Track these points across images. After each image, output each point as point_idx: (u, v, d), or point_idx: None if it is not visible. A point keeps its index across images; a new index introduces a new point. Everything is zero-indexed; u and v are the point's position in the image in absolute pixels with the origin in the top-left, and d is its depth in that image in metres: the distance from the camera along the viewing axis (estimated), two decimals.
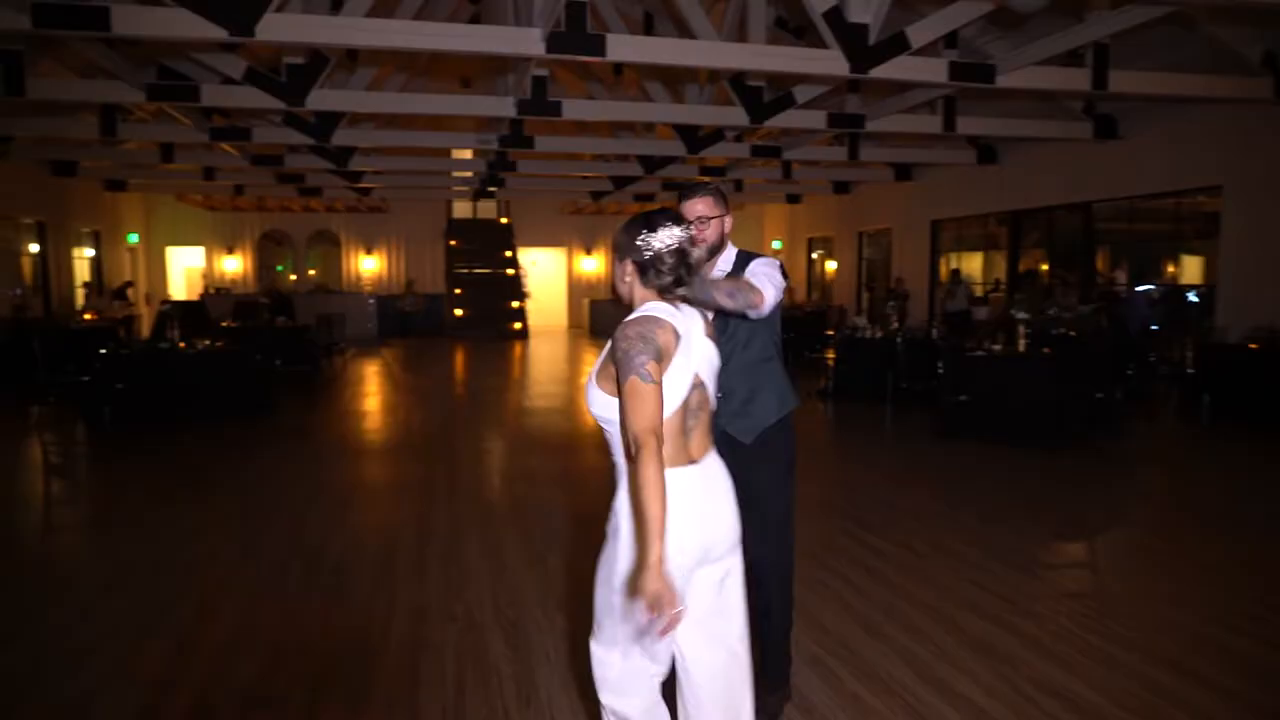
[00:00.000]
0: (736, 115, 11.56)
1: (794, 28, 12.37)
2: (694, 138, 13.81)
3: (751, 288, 2.50)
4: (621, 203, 21.56)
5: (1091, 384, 7.90)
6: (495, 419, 9.71)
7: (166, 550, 4.82)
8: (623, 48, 8.33)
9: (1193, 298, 13.14)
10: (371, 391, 11.80)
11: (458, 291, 21.38)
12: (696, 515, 2.07)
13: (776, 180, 18.45)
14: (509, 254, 22.56)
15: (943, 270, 16.94)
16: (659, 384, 1.92)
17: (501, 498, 6.10)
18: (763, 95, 11.36)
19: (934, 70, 9.06)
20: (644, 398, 1.88)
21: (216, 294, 19.87)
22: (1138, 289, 13.92)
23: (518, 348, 18.62)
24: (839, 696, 3.08)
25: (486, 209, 23.66)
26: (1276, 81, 9.52)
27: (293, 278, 22.79)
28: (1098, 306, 12.72)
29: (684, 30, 10.59)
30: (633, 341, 1.95)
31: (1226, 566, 4.57)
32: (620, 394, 1.92)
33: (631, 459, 1.90)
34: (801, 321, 16.44)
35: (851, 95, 12.03)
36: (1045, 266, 15.29)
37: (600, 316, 22.16)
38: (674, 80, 12.43)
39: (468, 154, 20.07)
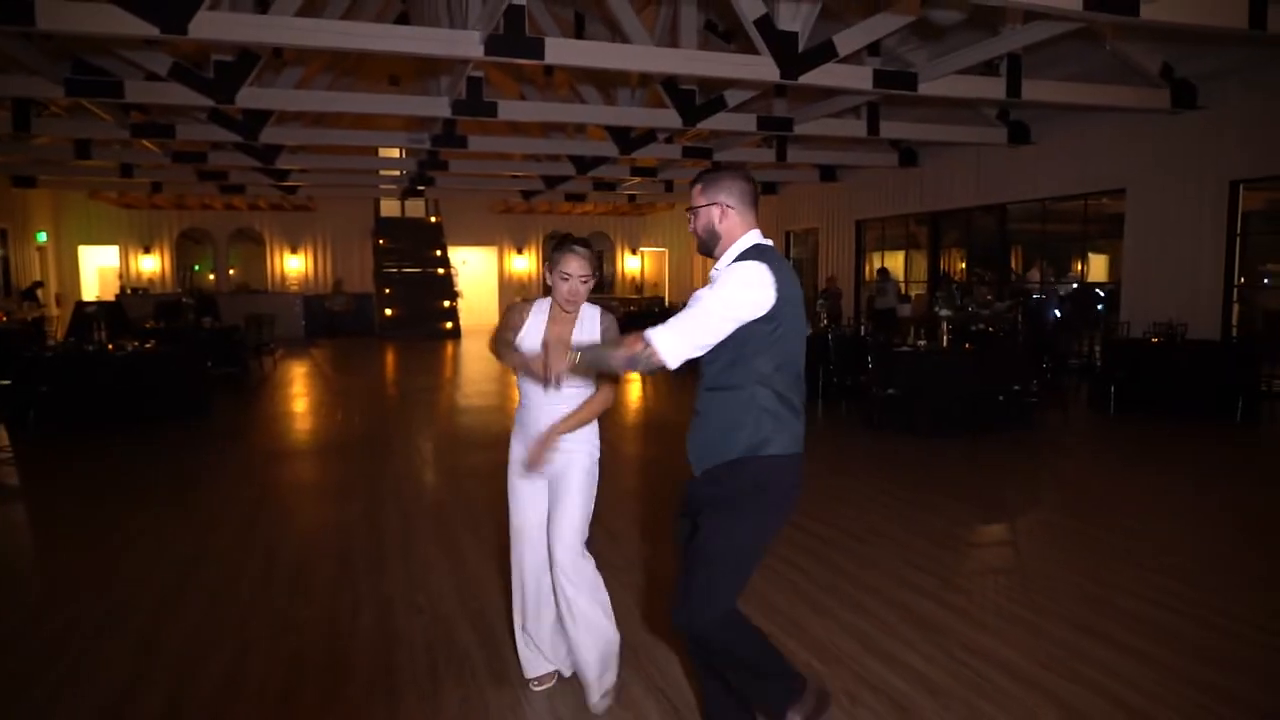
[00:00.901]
0: (669, 117, 11.80)
1: (722, 31, 12.64)
2: (626, 139, 14.02)
3: (641, 342, 2.29)
4: (553, 202, 21.65)
5: (1009, 377, 8.37)
6: (434, 418, 9.74)
7: (114, 553, 4.78)
8: (561, 51, 8.45)
9: (1098, 295, 13.95)
10: (306, 392, 11.65)
11: (387, 291, 21.14)
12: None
13: None
14: (439, 253, 22.40)
15: (868, 269, 17.52)
16: None
17: (449, 495, 6.18)
18: (695, 98, 11.63)
19: (860, 77, 9.45)
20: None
21: (133, 294, 19.24)
22: (1049, 286, 14.68)
23: (450, 347, 18.54)
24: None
25: (415, 208, 23.45)
26: (1174, 92, 10.22)
27: (210, 277, 22.18)
28: (1012, 304, 13.41)
29: (616, 32, 10.79)
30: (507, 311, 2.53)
31: (1130, 542, 4.97)
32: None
33: None
34: None
35: (778, 99, 12.35)
36: (963, 265, 16.00)
37: None
38: (606, 82, 12.60)
39: (395, 152, 19.93)
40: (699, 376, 2.48)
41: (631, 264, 24.97)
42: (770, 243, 2.53)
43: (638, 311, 18.76)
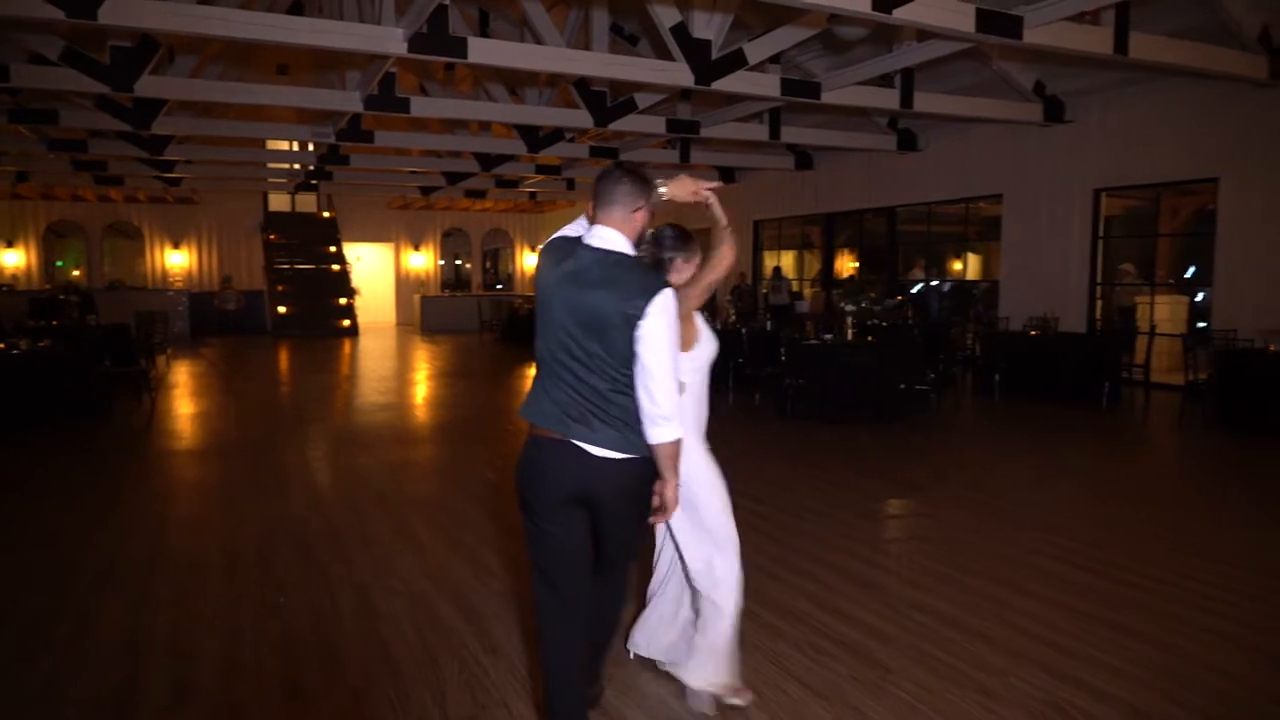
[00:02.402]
0: (581, 118, 12.04)
1: (628, 34, 12.93)
2: (535, 137, 14.17)
3: None
4: (452, 198, 21.49)
5: (907, 368, 9.03)
6: (350, 414, 9.66)
7: (70, 553, 4.68)
8: (484, 51, 8.58)
9: (974, 293, 15.03)
10: (209, 392, 11.30)
11: (280, 288, 20.52)
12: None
13: None
14: (334, 249, 21.89)
15: (765, 267, 18.22)
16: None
17: (389, 488, 6.25)
18: (606, 100, 11.92)
19: (768, 85, 9.96)
20: None
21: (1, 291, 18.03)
22: (931, 284, 15.71)
23: (348, 345, 18.19)
24: (763, 628, 3.64)
25: (306, 202, 22.82)
26: (1045, 107, 11.20)
27: (76, 273, 20.95)
28: (902, 300, 14.28)
29: (524, 32, 10.94)
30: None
31: (1029, 510, 5.57)
32: None
33: None
34: None
35: (683, 103, 12.73)
36: (855, 264, 16.89)
37: (432, 312, 21.98)
38: (514, 81, 12.72)
39: (285, 145, 19.35)
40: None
41: (530, 261, 25.01)
42: (573, 230, 2.74)
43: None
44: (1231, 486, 6.39)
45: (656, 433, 2.45)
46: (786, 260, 18.63)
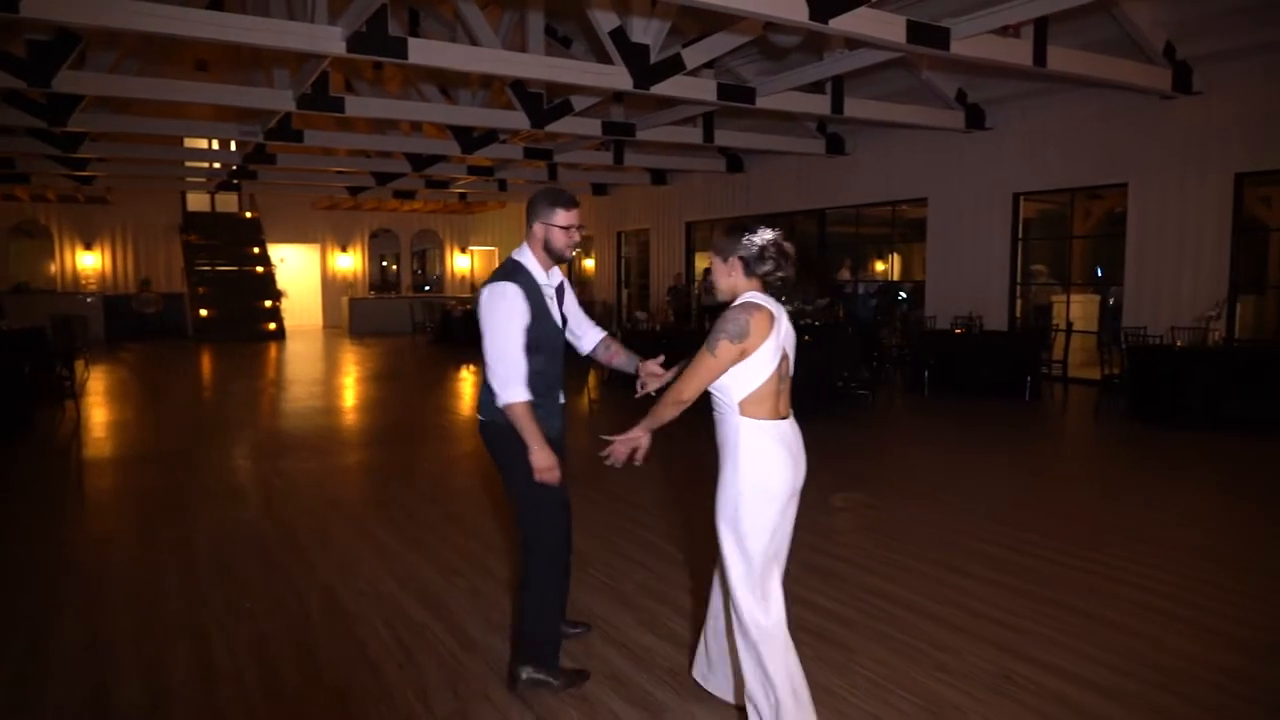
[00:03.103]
0: (518, 119, 12.06)
1: (561, 36, 12.98)
2: (469, 138, 14.10)
3: None
4: (381, 199, 21.16)
5: (843, 366, 9.34)
6: (290, 418, 9.49)
7: (11, 566, 4.54)
8: (424, 52, 8.55)
9: (900, 293, 15.56)
10: (132, 398, 10.93)
11: (201, 291, 19.89)
12: (791, 458, 2.70)
13: (538, 181, 19.11)
14: (257, 250, 21.32)
15: (697, 268, 18.48)
16: (720, 361, 2.56)
17: (342, 491, 6.20)
18: (543, 101, 11.96)
19: (705, 90, 10.16)
20: (707, 370, 2.56)
21: None
22: (858, 284, 16.17)
23: (275, 349, 17.77)
24: None
25: (226, 202, 22.17)
26: (967, 114, 11.69)
27: None
28: (832, 300, 14.68)
29: (454, 31, 10.89)
30: (726, 322, 2.56)
31: (968, 501, 5.86)
32: (697, 354, 2.57)
33: (754, 414, 2.63)
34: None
35: (615, 105, 12.83)
36: None
37: (361, 314, 21.61)
38: (446, 81, 12.64)
39: (203, 143, 18.78)
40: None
41: (461, 263, 24.80)
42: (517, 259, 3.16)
43: (474, 309, 18.79)
44: (1145, 473, 6.82)
45: (498, 399, 2.98)
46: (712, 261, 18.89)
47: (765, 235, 2.71)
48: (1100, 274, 13.24)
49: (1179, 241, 10.03)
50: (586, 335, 3.42)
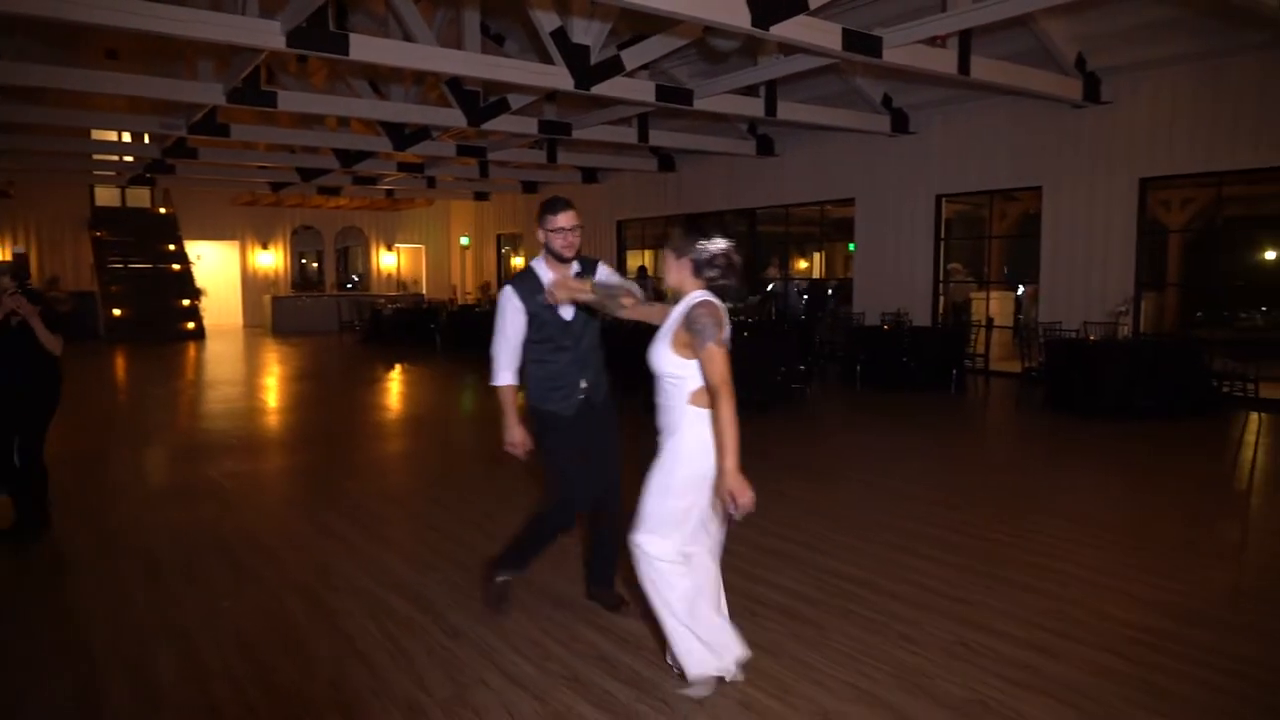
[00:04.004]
0: (454, 117, 12.04)
1: (494, 34, 12.95)
2: (401, 135, 13.97)
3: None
4: (305, 195, 20.68)
5: (780, 360, 9.64)
6: (231, 420, 9.28)
7: None
8: (366, 48, 8.50)
9: (828, 290, 16.05)
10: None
11: (114, 289, 19.12)
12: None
13: (468, 179, 19.01)
14: (173, 247, 20.60)
15: (629, 267, 18.66)
16: (724, 348, 2.77)
17: (294, 489, 6.17)
18: (479, 99, 11.95)
19: (645, 91, 10.34)
20: (722, 358, 2.75)
21: None
22: (787, 281, 16.62)
23: (194, 349, 17.22)
24: None
25: (138, 197, 21.36)
26: (892, 118, 12.17)
27: None
28: (763, 297, 15.07)
29: (391, 27, 10.77)
30: (709, 319, 2.78)
31: (905, 483, 6.19)
32: (702, 356, 2.77)
33: (700, 404, 2.88)
34: None
35: (548, 104, 12.85)
36: None
37: (285, 313, 21.10)
38: (378, 76, 12.49)
39: (112, 135, 18.08)
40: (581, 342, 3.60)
41: (387, 260, 24.43)
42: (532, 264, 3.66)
43: (403, 307, 18.58)
44: (1064, 458, 7.31)
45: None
46: (648, 260, 19.15)
47: (718, 245, 2.97)
48: (1012, 272, 13.95)
49: (1089, 242, 10.67)
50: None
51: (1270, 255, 14.37)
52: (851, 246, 14.65)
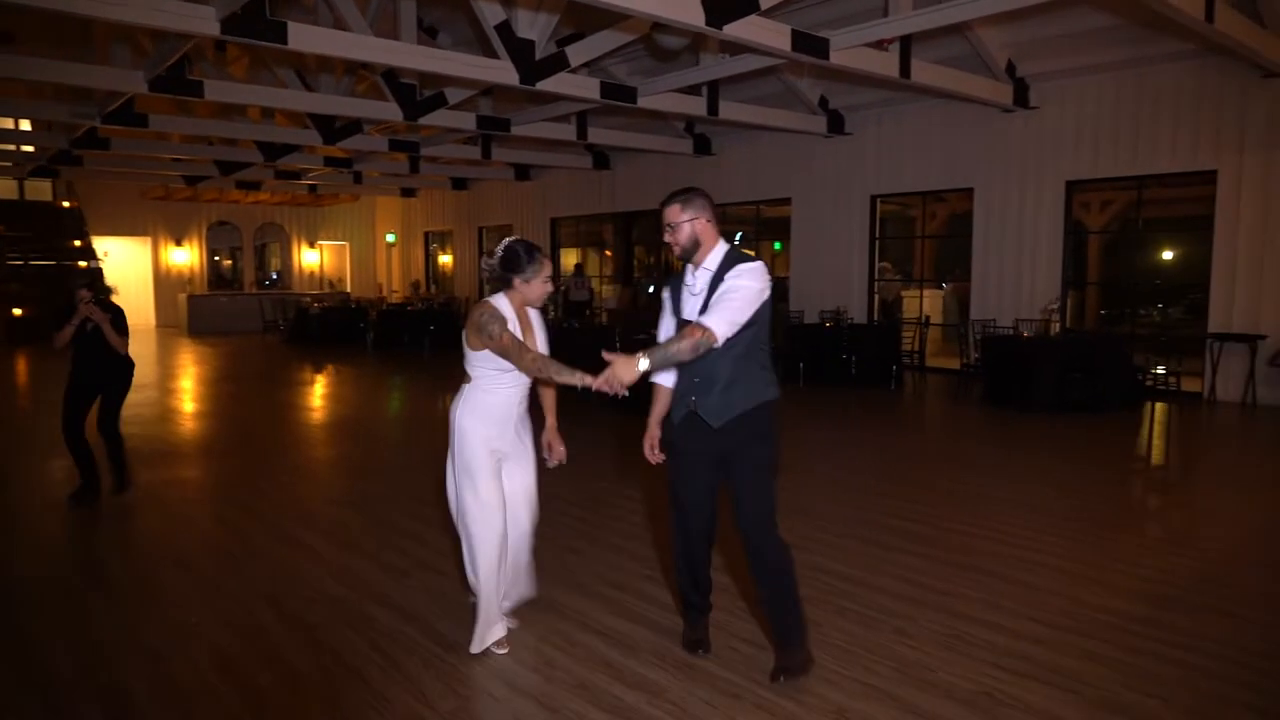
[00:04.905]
0: (390, 110, 11.73)
1: (427, 26, 12.68)
2: (330, 128, 13.53)
3: (701, 330, 2.81)
4: (222, 189, 19.85)
5: None
6: (162, 425, 8.83)
7: None
8: (305, 38, 8.19)
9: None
10: None
11: (13, 288, 17.96)
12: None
13: (396, 174, 18.56)
14: (79, 243, 19.49)
15: (564, 265, 18.53)
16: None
17: (249, 496, 5.88)
18: (416, 93, 11.67)
19: (589, 88, 10.25)
20: (501, 348, 3.19)
21: None
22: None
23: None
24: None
25: (38, 190, 20.15)
26: (829, 118, 12.37)
27: None
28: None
29: (320, 16, 10.43)
30: (487, 318, 3.17)
31: (865, 478, 6.29)
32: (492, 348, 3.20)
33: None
34: (437, 315, 16.88)
35: (484, 99, 12.62)
36: (652, 261, 17.62)
37: (201, 313, 20.23)
38: (305, 68, 12.08)
39: (9, 123, 17.04)
40: (721, 350, 2.96)
41: (309, 258, 23.65)
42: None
43: (331, 306, 18.02)
44: (1012, 451, 7.53)
45: None
46: (591, 257, 19.07)
47: (486, 262, 3.36)
48: (939, 271, 14.37)
49: (1019, 242, 11.06)
50: None
51: (1168, 255, 15.15)
52: (778, 246, 14.90)
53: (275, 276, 23.70)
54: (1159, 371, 9.11)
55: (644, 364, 2.83)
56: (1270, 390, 9.18)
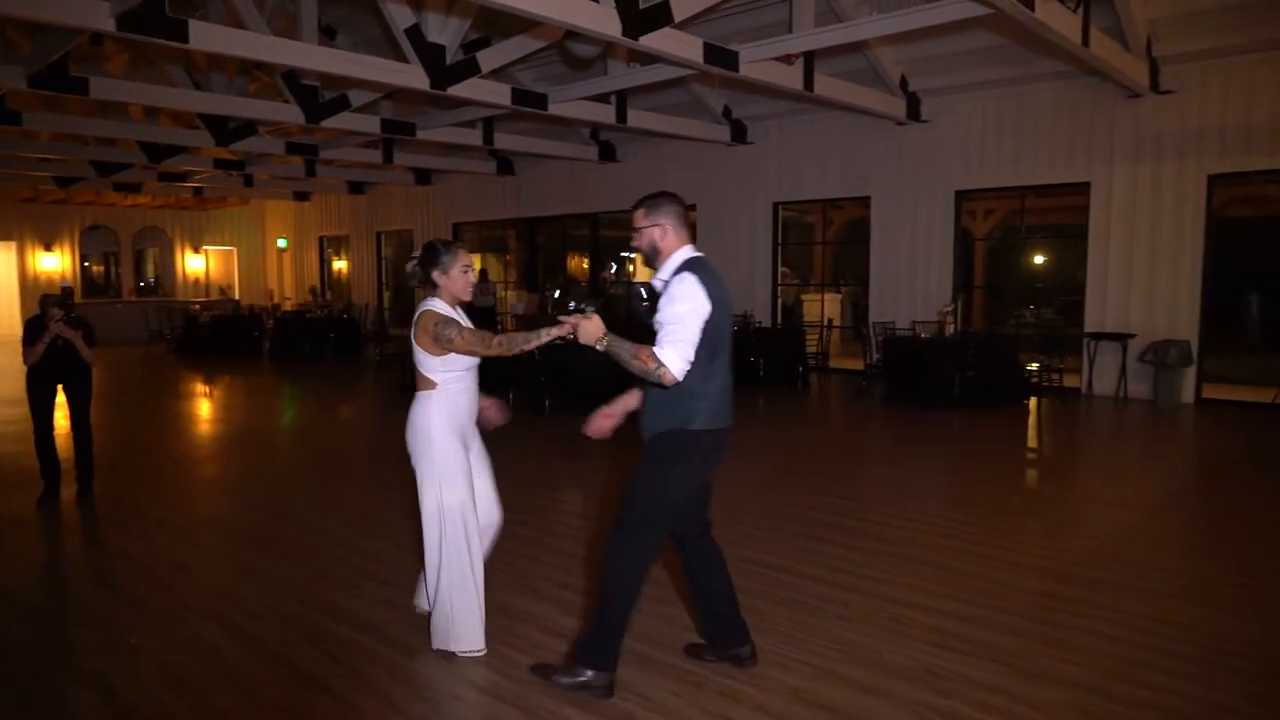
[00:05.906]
0: (291, 112, 11.43)
1: (324, 26, 12.38)
2: (223, 129, 13.03)
3: (656, 363, 2.85)
4: (98, 191, 18.74)
5: None
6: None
7: None
8: (208, 36, 7.93)
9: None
10: None
11: None
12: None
13: (290, 178, 17.98)
14: None
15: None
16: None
17: (164, 511, 5.66)
18: (318, 95, 11.39)
19: (500, 94, 10.25)
20: (463, 344, 3.26)
21: None
22: (623, 285, 16.95)
23: None
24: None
25: None
26: (733, 128, 12.73)
27: None
28: (606, 299, 15.30)
29: (212, 13, 10.06)
30: (440, 325, 3.26)
31: (789, 474, 6.55)
32: (465, 344, 3.25)
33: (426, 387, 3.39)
34: (337, 322, 16.45)
35: (386, 102, 12.40)
36: (585, 266, 17.66)
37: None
38: (193, 66, 11.61)
39: None
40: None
41: (194, 264, 22.57)
42: (702, 255, 3.16)
43: (222, 314, 17.28)
44: (913, 444, 7.98)
45: None
46: (495, 262, 18.93)
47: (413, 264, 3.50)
48: (836, 275, 14.98)
49: (913, 247, 11.67)
50: None
51: (1047, 260, 16.26)
52: None
53: (151, 283, 22.47)
54: (1033, 367, 9.81)
55: (602, 344, 2.92)
56: (1139, 384, 10.00)
